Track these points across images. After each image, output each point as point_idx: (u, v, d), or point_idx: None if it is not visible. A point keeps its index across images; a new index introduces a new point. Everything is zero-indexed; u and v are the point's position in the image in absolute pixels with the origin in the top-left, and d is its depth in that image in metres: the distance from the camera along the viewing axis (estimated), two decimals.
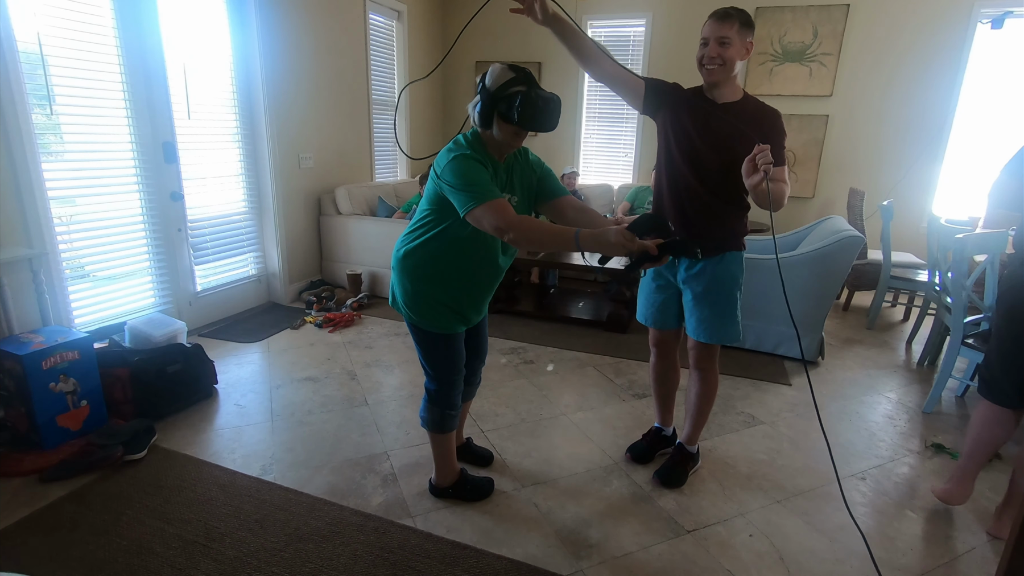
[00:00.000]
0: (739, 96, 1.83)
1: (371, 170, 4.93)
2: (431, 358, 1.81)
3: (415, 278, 1.71)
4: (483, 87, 1.56)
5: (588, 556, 1.75)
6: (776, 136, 1.77)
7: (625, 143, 5.58)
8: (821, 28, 4.71)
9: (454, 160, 1.53)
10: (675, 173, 1.88)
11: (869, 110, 4.78)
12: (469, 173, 1.50)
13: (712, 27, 1.74)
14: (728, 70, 1.76)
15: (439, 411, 1.86)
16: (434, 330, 1.75)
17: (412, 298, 1.72)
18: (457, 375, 1.84)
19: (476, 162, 1.53)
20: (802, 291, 3.18)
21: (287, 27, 3.80)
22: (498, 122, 1.55)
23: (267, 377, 2.91)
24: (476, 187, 1.49)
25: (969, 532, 1.92)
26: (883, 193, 4.78)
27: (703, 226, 1.87)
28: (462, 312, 1.76)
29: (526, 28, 5.51)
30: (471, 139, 1.61)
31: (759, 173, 1.60)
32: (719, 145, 1.78)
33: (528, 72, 1.56)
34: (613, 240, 1.41)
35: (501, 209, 1.47)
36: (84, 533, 1.77)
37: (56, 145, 2.65)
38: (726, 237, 1.90)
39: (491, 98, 1.54)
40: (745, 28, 1.74)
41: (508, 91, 1.52)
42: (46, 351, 2.12)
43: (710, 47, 1.75)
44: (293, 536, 1.78)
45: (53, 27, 2.52)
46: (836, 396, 2.92)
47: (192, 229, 3.39)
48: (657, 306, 2.07)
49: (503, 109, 1.52)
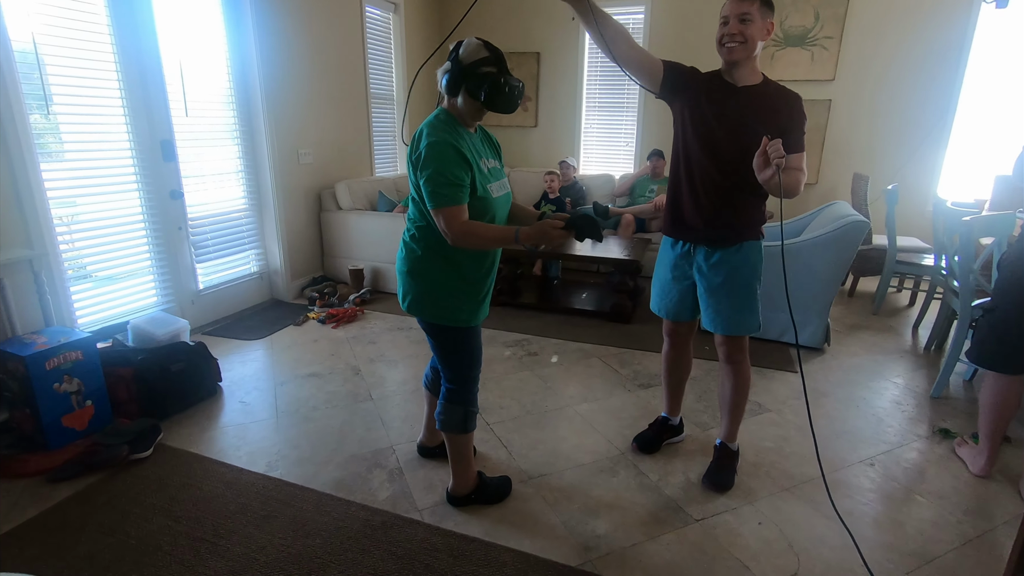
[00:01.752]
0: (759, 79, 1.78)
1: (371, 165, 4.91)
2: (452, 355, 1.78)
3: (425, 275, 1.69)
4: (456, 57, 1.57)
5: (596, 547, 1.75)
6: (796, 121, 1.74)
7: (626, 133, 5.54)
8: (823, 11, 4.65)
9: (431, 147, 1.53)
10: (692, 160, 1.84)
11: (872, 94, 4.72)
12: (441, 168, 1.52)
13: (732, 4, 1.70)
14: (749, 49, 1.71)
15: (462, 409, 1.81)
16: (454, 324, 1.72)
17: (427, 296, 1.70)
18: (478, 370, 1.82)
19: (451, 148, 1.54)
20: (807, 277, 3.15)
21: (283, 22, 3.77)
22: (464, 96, 1.59)
23: (271, 374, 2.91)
24: (442, 188, 1.52)
25: (979, 517, 1.91)
26: (887, 177, 4.74)
27: (720, 215, 1.83)
28: (479, 299, 1.75)
29: (525, 18, 5.46)
30: (444, 117, 1.61)
31: (771, 168, 1.57)
32: (738, 130, 1.73)
33: (501, 54, 1.59)
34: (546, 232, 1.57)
35: (451, 217, 1.54)
36: (91, 532, 1.77)
37: (55, 146, 2.64)
38: (744, 226, 1.85)
39: (462, 71, 1.56)
40: (765, 7, 1.70)
41: (479, 69, 1.55)
42: (49, 352, 2.11)
43: (730, 24, 1.70)
44: (300, 532, 1.78)
45: (48, 27, 2.50)
46: (843, 382, 2.90)
47: (192, 227, 3.38)
48: (672, 297, 2.04)
49: (471, 86, 1.56)
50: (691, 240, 1.92)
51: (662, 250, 2.06)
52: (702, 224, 1.86)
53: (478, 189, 1.61)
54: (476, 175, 1.60)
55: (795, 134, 1.72)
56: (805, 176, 1.75)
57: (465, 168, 1.56)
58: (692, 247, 1.93)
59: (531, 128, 5.79)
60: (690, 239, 1.92)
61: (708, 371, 2.99)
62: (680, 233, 1.94)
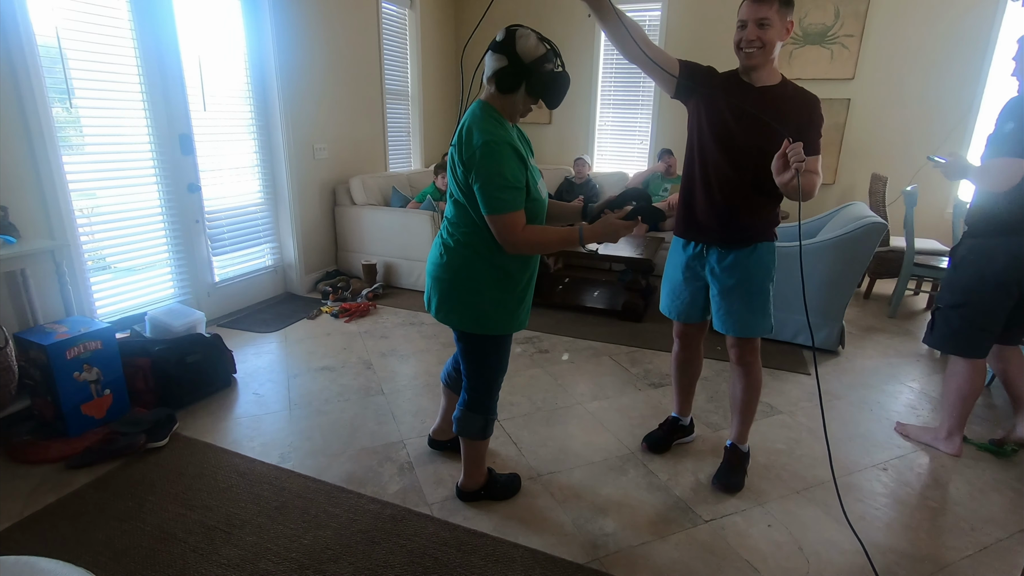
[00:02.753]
0: (777, 80, 1.75)
1: (385, 160, 4.94)
2: (483, 363, 1.72)
3: (469, 283, 1.61)
4: (514, 54, 1.47)
5: (604, 545, 1.75)
6: (814, 124, 1.72)
7: (640, 130, 5.51)
8: (843, 9, 4.58)
9: (488, 148, 1.44)
10: (707, 159, 1.82)
11: (892, 93, 4.65)
12: (501, 170, 1.44)
13: (750, 8, 1.67)
14: (768, 53, 1.68)
15: (483, 418, 1.79)
16: (494, 333, 1.66)
17: (469, 305, 1.62)
18: (503, 377, 1.79)
19: (509, 148, 1.47)
20: (823, 279, 3.12)
21: (300, 18, 3.79)
22: (523, 93, 1.53)
23: (284, 367, 2.94)
24: (501, 192, 1.46)
25: (994, 524, 1.89)
26: (906, 178, 4.66)
27: (735, 215, 1.81)
28: (524, 306, 1.70)
29: (541, 15, 5.45)
30: (490, 112, 1.53)
31: (790, 171, 1.55)
32: (755, 130, 1.71)
33: (556, 48, 1.54)
34: (614, 228, 1.56)
35: (513, 223, 1.49)
36: (109, 519, 1.81)
37: (76, 139, 2.69)
38: (758, 227, 1.83)
39: (524, 69, 1.48)
40: (785, 7, 1.66)
41: (543, 67, 1.49)
42: (70, 341, 2.16)
43: (748, 29, 1.67)
44: (312, 523, 1.81)
45: (70, 21, 2.54)
46: (857, 385, 2.87)
47: (209, 220, 3.42)
48: (683, 299, 2.02)
49: (534, 84, 1.50)
50: (704, 241, 1.91)
51: (672, 251, 2.04)
52: (717, 225, 1.84)
53: (531, 191, 1.54)
54: (528, 175, 1.54)
55: (812, 136, 1.70)
56: (820, 179, 1.73)
57: (522, 169, 1.50)
58: (705, 248, 1.91)
59: (545, 125, 5.78)
60: (703, 240, 1.91)
61: (719, 372, 2.97)
62: (693, 234, 1.93)
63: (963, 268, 2.11)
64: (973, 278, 2.08)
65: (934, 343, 2.26)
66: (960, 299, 2.12)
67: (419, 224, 4.04)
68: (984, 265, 2.05)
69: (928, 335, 2.27)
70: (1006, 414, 2.61)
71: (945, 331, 2.19)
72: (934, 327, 2.23)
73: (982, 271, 2.05)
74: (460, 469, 1.94)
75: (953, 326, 2.15)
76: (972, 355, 2.15)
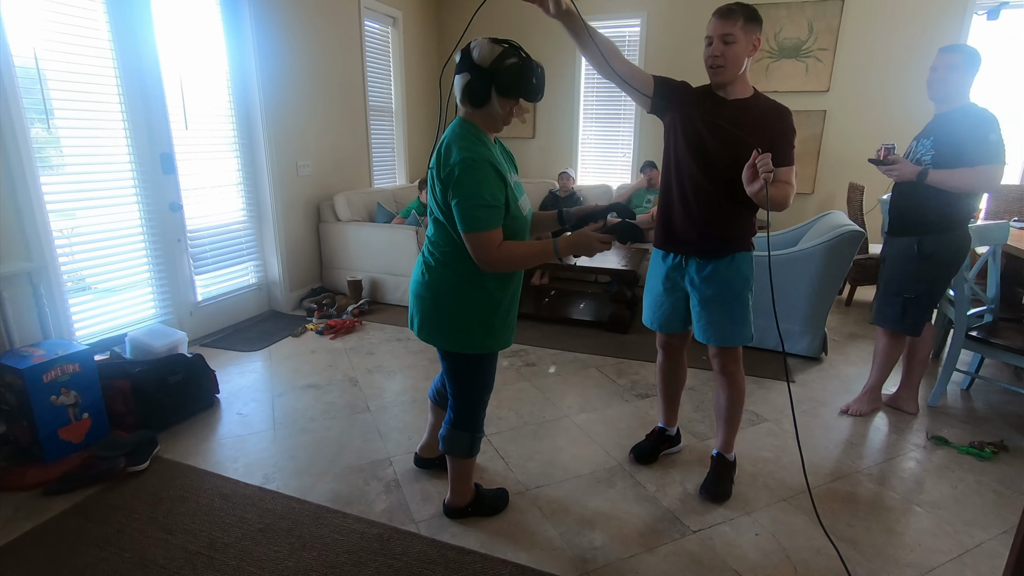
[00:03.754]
0: (749, 93, 1.78)
1: (370, 176, 4.94)
2: (468, 381, 1.71)
3: (451, 302, 1.60)
4: (471, 64, 1.46)
5: (594, 559, 1.74)
6: (785, 135, 1.74)
7: (623, 143, 5.58)
8: (816, 23, 4.71)
9: (465, 165, 1.43)
10: (683, 172, 1.84)
11: (867, 104, 4.77)
12: (479, 188, 1.42)
13: (715, 25, 1.69)
14: (734, 69, 1.71)
15: (470, 436, 1.78)
16: (477, 352, 1.65)
17: (452, 325, 1.61)
18: (489, 395, 1.78)
19: (488, 165, 1.45)
20: (804, 287, 3.17)
21: (282, 36, 3.81)
22: (497, 98, 1.48)
23: (269, 385, 2.91)
24: (478, 210, 1.44)
25: (977, 527, 1.91)
26: (883, 187, 4.75)
27: (712, 226, 1.84)
28: (508, 324, 1.68)
29: (522, 30, 5.52)
30: (470, 129, 1.52)
31: (759, 181, 1.58)
32: (729, 142, 1.73)
33: (515, 42, 1.50)
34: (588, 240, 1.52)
35: (488, 242, 1.47)
36: (87, 546, 1.76)
37: (56, 159, 2.66)
38: (735, 238, 1.85)
39: (487, 74, 1.45)
40: (750, 23, 1.68)
41: (504, 63, 1.45)
42: (47, 364, 2.12)
43: (714, 46, 1.69)
44: (297, 545, 1.78)
45: (49, 42, 2.53)
46: (840, 391, 2.91)
47: (192, 239, 3.39)
48: (664, 310, 2.04)
49: (504, 83, 1.45)
50: (683, 252, 1.93)
51: (652, 263, 2.07)
52: (695, 236, 1.87)
53: (511, 208, 1.52)
54: (508, 192, 1.51)
55: (784, 148, 1.72)
56: (794, 189, 1.75)
57: (501, 186, 1.47)
58: (684, 259, 1.93)
59: (529, 139, 5.83)
60: (682, 251, 1.93)
61: (705, 381, 2.99)
62: (672, 246, 1.95)
63: (934, 260, 2.35)
64: (942, 267, 2.37)
65: (907, 329, 2.50)
66: (929, 287, 2.40)
67: (404, 239, 4.04)
68: (951, 256, 2.35)
69: (899, 324, 2.49)
70: (986, 417, 2.65)
71: (917, 317, 2.46)
72: (906, 316, 2.46)
73: (949, 261, 2.35)
74: (447, 486, 1.92)
75: (921, 311, 2.45)
76: (902, 330, 2.53)
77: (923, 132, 2.38)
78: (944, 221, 2.31)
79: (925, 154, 2.32)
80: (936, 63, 2.25)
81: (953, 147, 2.23)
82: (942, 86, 2.25)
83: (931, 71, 2.27)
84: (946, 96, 2.26)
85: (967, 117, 2.22)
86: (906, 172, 2.30)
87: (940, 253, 2.34)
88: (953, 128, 2.24)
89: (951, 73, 2.21)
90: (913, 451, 2.36)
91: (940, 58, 2.24)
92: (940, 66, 2.24)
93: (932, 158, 2.29)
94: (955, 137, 2.23)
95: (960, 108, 2.25)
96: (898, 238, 2.46)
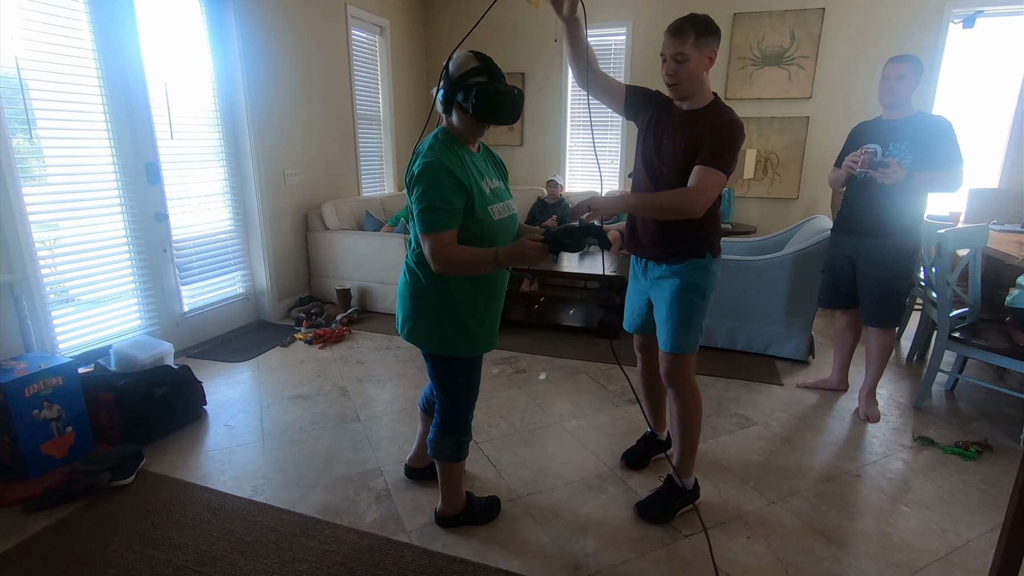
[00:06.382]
0: (705, 102, 1.76)
1: (358, 185, 4.93)
2: (451, 385, 1.72)
3: (428, 302, 1.63)
4: (447, 74, 1.51)
5: (586, 565, 1.74)
6: (713, 137, 1.68)
7: (610, 150, 5.62)
8: (798, 32, 4.79)
9: (423, 169, 1.48)
10: (641, 179, 1.90)
11: (848, 110, 4.84)
12: (431, 191, 1.46)
13: (667, 44, 1.69)
14: (690, 85, 1.70)
15: (455, 439, 1.77)
16: (456, 355, 1.67)
17: (429, 325, 1.63)
18: (474, 399, 1.78)
19: (444, 171, 1.47)
20: (789, 291, 3.20)
21: (269, 44, 3.80)
22: (457, 110, 1.52)
23: (257, 396, 2.88)
24: (429, 212, 1.47)
25: (964, 525, 1.93)
26: None
27: (660, 231, 1.85)
28: (485, 328, 1.69)
29: (510, 39, 5.55)
30: (442, 137, 1.56)
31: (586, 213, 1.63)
32: (670, 152, 1.76)
33: (491, 62, 1.52)
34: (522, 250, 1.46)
35: (435, 242, 1.49)
36: (70, 564, 1.73)
37: (38, 169, 2.63)
38: (687, 244, 1.82)
39: (451, 85, 1.50)
40: (703, 39, 1.65)
41: (468, 80, 1.48)
42: (29, 378, 2.08)
43: (667, 65, 1.70)
44: (286, 557, 1.75)
45: (31, 51, 2.50)
46: (827, 394, 2.93)
47: (177, 249, 3.36)
48: (634, 311, 2.07)
49: (461, 99, 1.49)
50: (644, 256, 1.96)
51: (630, 266, 2.10)
52: (649, 241, 1.89)
53: (476, 211, 1.54)
54: (475, 196, 1.53)
55: (707, 148, 1.67)
56: (701, 194, 1.66)
57: (458, 192, 1.49)
58: (646, 262, 1.97)
59: (517, 147, 5.85)
60: (643, 255, 1.96)
61: None
62: (634, 248, 1.99)
63: (914, 259, 2.54)
64: (915, 265, 2.62)
65: (896, 323, 2.62)
66: (910, 284, 2.62)
67: (393, 247, 4.03)
68: (919, 253, 2.61)
69: (892, 320, 2.59)
70: (970, 416, 2.69)
71: (901, 310, 2.61)
72: (898, 312, 2.58)
73: (919, 258, 2.64)
74: (438, 495, 1.91)
75: (904, 304, 2.67)
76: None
77: (888, 136, 2.46)
78: (919, 218, 2.51)
79: (904, 157, 2.40)
80: (887, 72, 2.41)
81: (928, 150, 2.37)
82: (894, 95, 2.40)
83: (883, 80, 2.43)
84: (898, 103, 2.42)
85: (931, 121, 2.39)
86: (899, 175, 2.36)
87: (917, 248, 2.56)
88: (927, 132, 2.38)
89: (901, 82, 2.38)
90: (900, 451, 2.39)
91: (891, 68, 2.40)
92: (891, 75, 2.40)
93: (912, 161, 2.39)
94: (930, 140, 2.37)
95: (919, 114, 2.44)
96: (876, 239, 2.53)
